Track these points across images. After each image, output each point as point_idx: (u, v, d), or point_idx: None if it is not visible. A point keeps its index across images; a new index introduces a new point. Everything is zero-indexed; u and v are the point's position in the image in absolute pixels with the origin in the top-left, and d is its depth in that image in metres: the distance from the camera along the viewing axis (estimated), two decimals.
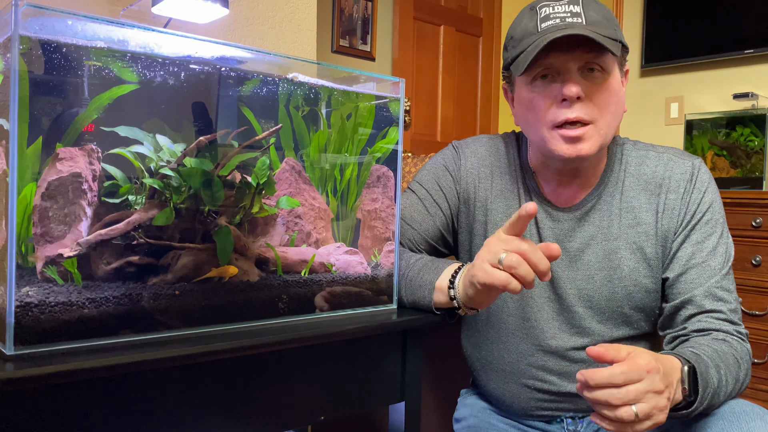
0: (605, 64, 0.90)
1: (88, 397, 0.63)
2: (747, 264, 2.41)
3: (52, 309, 0.62)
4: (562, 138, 0.90)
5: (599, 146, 0.91)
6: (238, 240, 0.76)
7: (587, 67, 0.89)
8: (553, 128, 0.90)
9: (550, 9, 0.90)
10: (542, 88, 0.91)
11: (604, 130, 0.91)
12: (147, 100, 0.70)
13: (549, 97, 0.90)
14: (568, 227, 0.98)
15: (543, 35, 0.88)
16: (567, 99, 0.88)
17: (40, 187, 0.63)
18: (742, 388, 0.87)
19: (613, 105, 0.91)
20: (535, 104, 0.92)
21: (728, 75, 2.95)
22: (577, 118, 0.88)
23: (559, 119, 0.89)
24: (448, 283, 0.87)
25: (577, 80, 0.89)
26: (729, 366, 0.83)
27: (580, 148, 0.89)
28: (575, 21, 0.88)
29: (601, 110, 0.90)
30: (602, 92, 0.90)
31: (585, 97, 0.89)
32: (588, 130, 0.89)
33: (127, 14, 1.64)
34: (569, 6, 0.89)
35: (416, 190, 1.06)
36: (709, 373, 0.79)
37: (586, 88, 0.89)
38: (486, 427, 1.06)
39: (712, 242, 0.94)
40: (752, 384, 2.38)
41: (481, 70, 3.78)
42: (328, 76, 0.87)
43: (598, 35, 0.86)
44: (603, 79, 0.90)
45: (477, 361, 1.09)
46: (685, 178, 0.96)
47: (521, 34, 0.92)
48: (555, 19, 0.89)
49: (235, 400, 0.74)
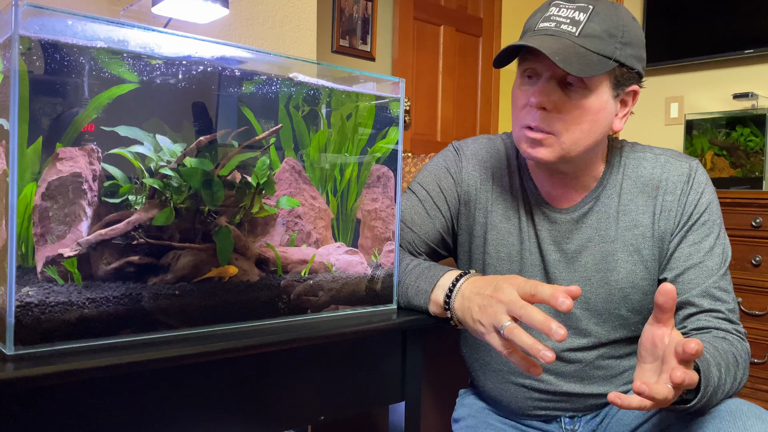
0: (588, 81, 0.86)
1: (88, 397, 0.63)
2: (747, 264, 2.41)
3: (52, 309, 0.62)
4: (524, 138, 0.91)
5: (558, 157, 0.90)
6: (238, 240, 0.76)
7: (567, 80, 0.87)
8: (522, 128, 0.91)
9: (556, 10, 0.89)
10: (524, 87, 0.91)
11: (567, 144, 0.89)
12: (147, 100, 0.70)
13: (525, 97, 0.91)
14: (565, 229, 0.98)
15: (533, 36, 0.88)
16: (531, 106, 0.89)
17: (40, 187, 0.63)
18: (739, 386, 0.87)
19: (586, 123, 0.88)
20: (516, 101, 0.93)
21: (728, 75, 2.95)
22: (536, 126, 0.89)
23: (525, 122, 0.90)
24: (444, 300, 0.86)
25: (549, 90, 0.87)
26: (729, 364, 0.83)
27: (538, 151, 0.90)
28: (568, 29, 0.86)
29: (568, 125, 0.88)
30: (574, 108, 0.87)
31: (553, 108, 0.87)
32: (548, 138, 0.89)
33: (127, 14, 1.64)
34: (575, 12, 0.87)
35: (417, 191, 1.06)
36: (711, 371, 0.78)
37: (558, 100, 0.87)
38: (484, 427, 1.06)
39: (709, 243, 0.93)
40: (752, 384, 2.38)
41: (481, 70, 3.79)
42: (328, 76, 0.87)
43: (575, 51, 0.83)
44: (580, 96, 0.87)
45: (475, 362, 1.09)
46: (683, 180, 0.95)
47: (527, 26, 0.92)
48: (552, 23, 0.88)
49: (235, 400, 0.74)
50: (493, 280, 0.80)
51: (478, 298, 0.79)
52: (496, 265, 1.02)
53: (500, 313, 0.74)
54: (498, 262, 1.02)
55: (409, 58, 3.42)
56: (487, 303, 0.77)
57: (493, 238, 1.02)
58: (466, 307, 0.81)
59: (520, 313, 0.72)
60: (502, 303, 0.75)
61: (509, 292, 0.75)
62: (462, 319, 0.83)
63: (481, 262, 1.03)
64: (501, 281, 0.78)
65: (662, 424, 0.88)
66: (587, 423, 1.03)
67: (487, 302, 0.77)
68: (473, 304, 0.80)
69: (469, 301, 0.81)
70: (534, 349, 0.69)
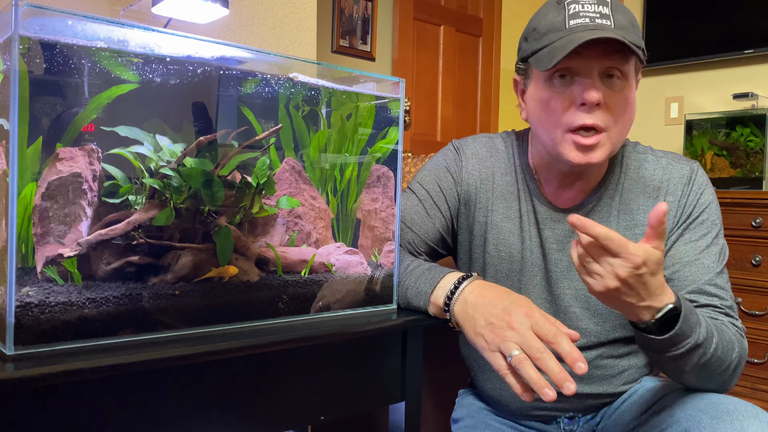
0: (625, 71, 0.88)
1: (88, 397, 0.63)
2: (747, 264, 2.41)
3: (52, 309, 0.62)
4: (574, 144, 0.88)
5: (609, 154, 0.89)
6: (238, 240, 0.76)
7: (607, 73, 0.87)
8: (567, 132, 0.89)
9: (579, 6, 0.87)
10: (561, 88, 0.89)
11: (616, 138, 0.89)
12: (147, 100, 0.70)
13: (567, 98, 0.88)
14: (568, 228, 0.98)
15: (572, 33, 0.85)
16: (586, 104, 0.86)
17: (40, 187, 0.63)
18: (734, 372, 0.86)
19: (627, 114, 0.90)
20: (552, 105, 0.89)
21: (728, 75, 2.95)
22: (594, 124, 0.86)
23: (576, 123, 0.87)
24: (444, 302, 0.86)
25: (598, 85, 0.87)
26: (723, 340, 0.82)
27: (591, 156, 0.88)
28: (604, 23, 0.86)
29: (616, 118, 0.88)
30: (620, 100, 0.88)
31: (603, 103, 0.87)
32: (601, 138, 0.88)
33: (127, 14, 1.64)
34: (598, 6, 0.87)
35: (416, 190, 1.06)
36: (698, 316, 0.79)
37: (604, 94, 0.87)
38: (483, 427, 1.06)
39: (706, 242, 0.93)
40: (752, 384, 2.38)
41: (481, 70, 3.79)
42: (328, 76, 0.87)
43: (626, 41, 0.84)
44: (621, 87, 0.88)
45: (474, 362, 1.09)
46: (683, 181, 0.96)
47: (546, 27, 0.89)
48: (584, 18, 0.86)
49: (235, 400, 0.74)
50: (502, 297, 0.79)
51: (485, 313, 0.78)
52: (497, 264, 1.02)
53: (509, 341, 0.74)
54: (499, 261, 1.01)
55: (409, 58, 3.42)
56: (496, 323, 0.76)
57: (493, 238, 1.02)
58: (470, 316, 0.81)
59: (537, 356, 0.71)
60: (514, 331, 0.74)
61: (523, 324, 0.74)
62: (462, 324, 0.83)
63: (481, 261, 1.03)
64: (512, 304, 0.77)
65: (661, 424, 0.88)
66: (586, 423, 1.03)
67: (497, 322, 0.76)
68: (479, 315, 0.79)
69: (474, 310, 0.81)
70: (538, 386, 0.69)
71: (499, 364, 0.75)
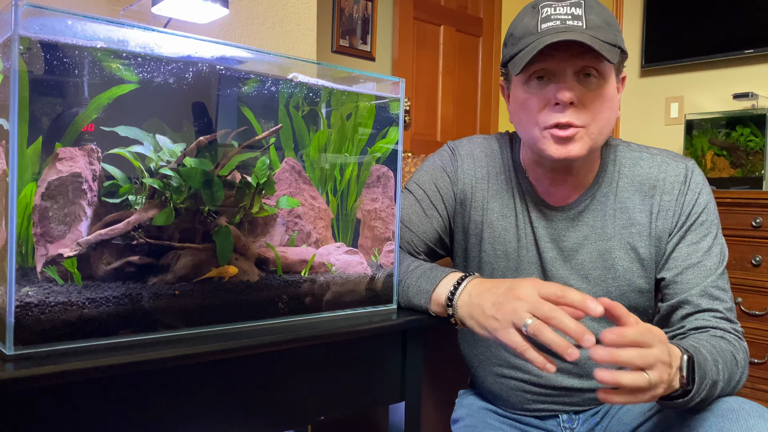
0: (602, 70, 0.90)
1: (87, 397, 0.63)
2: (747, 264, 2.41)
3: (52, 309, 0.62)
4: (552, 138, 0.90)
5: (588, 149, 0.91)
6: (238, 240, 0.76)
7: (583, 72, 0.89)
8: (544, 129, 0.91)
9: (551, 9, 0.90)
10: (537, 89, 0.91)
11: (595, 134, 0.91)
12: (147, 100, 0.70)
13: (543, 99, 0.90)
14: (562, 226, 0.99)
15: (541, 36, 0.88)
16: (560, 103, 0.88)
17: (40, 187, 0.63)
18: (739, 384, 0.87)
19: (605, 111, 0.91)
20: (529, 105, 0.92)
21: (728, 75, 2.95)
22: (567, 122, 0.89)
23: (550, 122, 0.89)
24: (446, 297, 0.86)
25: (572, 85, 0.88)
26: (726, 362, 0.84)
27: (570, 149, 0.90)
28: (575, 24, 0.88)
29: (593, 116, 0.90)
30: (596, 98, 0.90)
31: (578, 102, 0.89)
32: (578, 132, 0.89)
33: (127, 14, 1.64)
34: (571, 8, 0.89)
35: (413, 191, 1.06)
36: (707, 366, 0.79)
37: (580, 93, 0.89)
38: (483, 427, 1.07)
39: (707, 243, 0.94)
40: (752, 384, 2.38)
41: (481, 70, 3.78)
42: (328, 76, 0.87)
43: (597, 41, 0.85)
44: (598, 85, 0.90)
45: (474, 357, 1.10)
46: (680, 180, 0.96)
47: (521, 32, 0.92)
48: (555, 21, 0.88)
49: (235, 400, 0.74)
50: (504, 280, 0.81)
51: (489, 296, 0.79)
52: (493, 262, 1.02)
53: (520, 311, 0.74)
54: (494, 259, 1.02)
55: (409, 58, 3.42)
56: (503, 300, 0.77)
57: (489, 236, 1.02)
58: (475, 304, 0.81)
59: (551, 315, 0.71)
60: (522, 301, 0.74)
61: (529, 292, 0.75)
62: (468, 316, 0.83)
63: (477, 259, 1.04)
64: (515, 281, 0.78)
65: (663, 423, 0.88)
66: (586, 421, 1.03)
67: (504, 299, 0.77)
68: (484, 300, 0.80)
69: (478, 297, 0.81)
70: (561, 348, 0.69)
71: (516, 340, 0.74)
